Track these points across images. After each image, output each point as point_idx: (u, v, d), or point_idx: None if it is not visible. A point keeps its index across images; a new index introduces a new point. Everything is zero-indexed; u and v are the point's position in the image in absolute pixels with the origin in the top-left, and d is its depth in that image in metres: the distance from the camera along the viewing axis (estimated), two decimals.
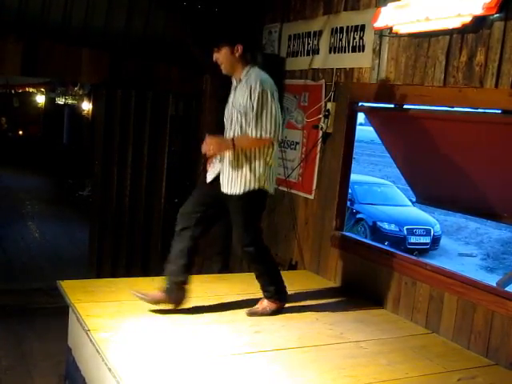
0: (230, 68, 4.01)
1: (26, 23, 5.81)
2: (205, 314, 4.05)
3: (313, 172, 5.40)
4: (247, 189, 3.95)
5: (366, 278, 4.77)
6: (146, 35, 6.37)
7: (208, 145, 3.91)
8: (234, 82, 4.08)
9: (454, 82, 4.03)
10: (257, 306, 4.22)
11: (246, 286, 4.66)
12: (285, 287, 4.28)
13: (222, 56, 3.98)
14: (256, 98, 3.81)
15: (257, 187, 3.97)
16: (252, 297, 4.37)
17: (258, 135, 3.86)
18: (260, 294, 4.23)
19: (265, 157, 3.97)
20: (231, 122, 4.01)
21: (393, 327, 4.21)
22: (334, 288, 4.98)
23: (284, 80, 5.72)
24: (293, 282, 4.95)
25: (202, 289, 4.56)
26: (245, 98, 3.87)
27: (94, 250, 6.63)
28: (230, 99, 4.07)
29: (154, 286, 4.09)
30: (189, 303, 4.13)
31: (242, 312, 4.17)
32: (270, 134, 3.87)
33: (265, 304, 4.21)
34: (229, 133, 4.03)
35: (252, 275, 4.23)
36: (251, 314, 4.15)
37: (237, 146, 3.90)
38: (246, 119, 3.89)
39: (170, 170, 6.76)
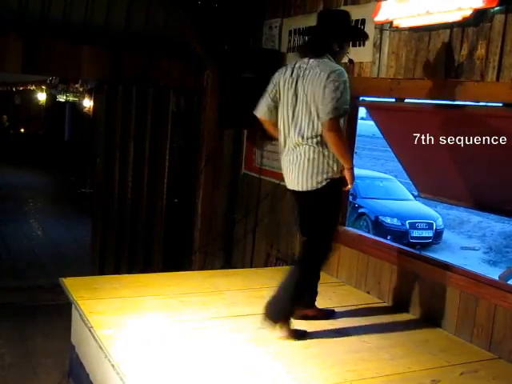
0: None
1: (27, 21, 5.81)
2: (207, 310, 4.05)
3: None
4: None
5: (368, 272, 4.77)
6: (147, 31, 6.36)
7: None
8: None
9: (455, 75, 4.02)
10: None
11: (248, 281, 4.67)
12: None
13: None
14: None
15: None
16: (254, 292, 4.37)
17: None
18: (261, 290, 4.19)
19: None
20: None
21: (395, 321, 4.21)
22: (336, 283, 4.98)
23: None
24: None
25: (205, 284, 4.58)
26: None
27: (96, 247, 6.63)
28: None
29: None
30: (191, 299, 4.13)
31: (245, 308, 4.17)
32: None
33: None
34: None
35: (254, 270, 4.18)
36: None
37: None
38: None
39: (171, 167, 6.75)
